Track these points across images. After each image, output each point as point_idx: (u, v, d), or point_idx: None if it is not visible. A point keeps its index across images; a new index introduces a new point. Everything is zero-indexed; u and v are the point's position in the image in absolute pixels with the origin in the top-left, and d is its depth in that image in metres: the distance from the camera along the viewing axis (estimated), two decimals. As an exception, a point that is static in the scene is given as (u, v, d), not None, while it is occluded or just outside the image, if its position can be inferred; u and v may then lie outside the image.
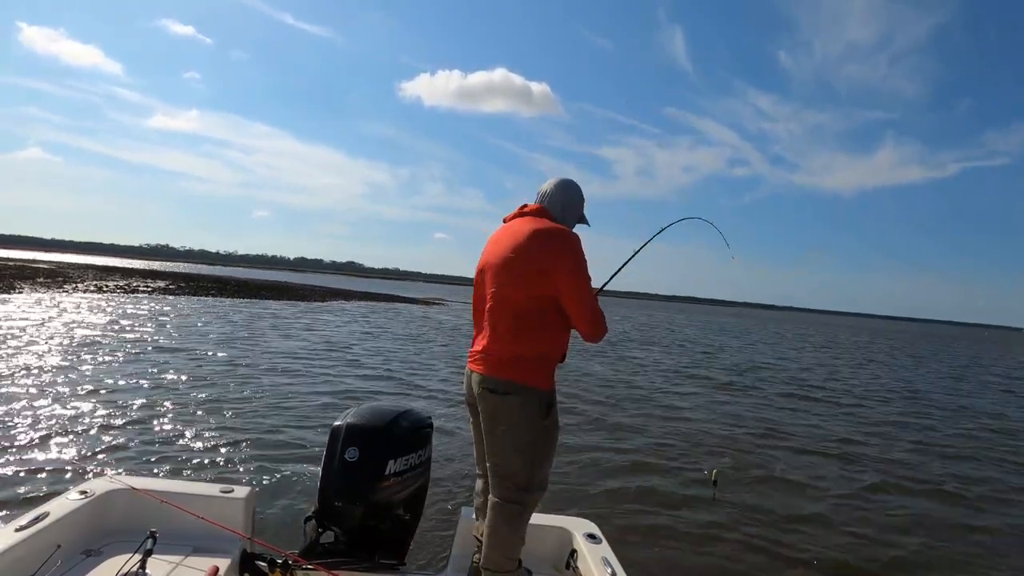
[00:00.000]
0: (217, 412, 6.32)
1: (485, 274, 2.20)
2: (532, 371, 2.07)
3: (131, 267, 69.95)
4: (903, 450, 7.39)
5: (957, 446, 7.90)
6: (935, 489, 5.85)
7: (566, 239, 2.08)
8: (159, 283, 35.33)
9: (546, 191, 2.24)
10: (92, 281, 31.59)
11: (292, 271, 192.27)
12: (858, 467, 6.43)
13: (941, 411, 10.89)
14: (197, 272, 70.06)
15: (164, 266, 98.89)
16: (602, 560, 2.22)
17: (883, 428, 8.76)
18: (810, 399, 11.00)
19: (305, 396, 7.52)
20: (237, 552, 2.17)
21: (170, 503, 2.19)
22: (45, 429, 5.19)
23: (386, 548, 2.41)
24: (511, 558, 2.14)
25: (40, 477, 4.16)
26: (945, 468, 6.65)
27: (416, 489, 2.51)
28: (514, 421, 2.07)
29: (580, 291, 2.05)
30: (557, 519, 2.55)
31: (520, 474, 2.11)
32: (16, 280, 26.18)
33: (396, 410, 2.55)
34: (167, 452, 4.92)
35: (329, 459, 2.36)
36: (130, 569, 1.84)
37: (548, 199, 2.23)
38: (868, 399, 11.69)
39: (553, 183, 2.25)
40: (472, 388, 2.19)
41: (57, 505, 2.09)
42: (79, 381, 7.15)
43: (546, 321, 2.08)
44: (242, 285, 40.85)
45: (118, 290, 26.30)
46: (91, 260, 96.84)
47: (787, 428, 8.13)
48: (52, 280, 28.98)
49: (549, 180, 2.27)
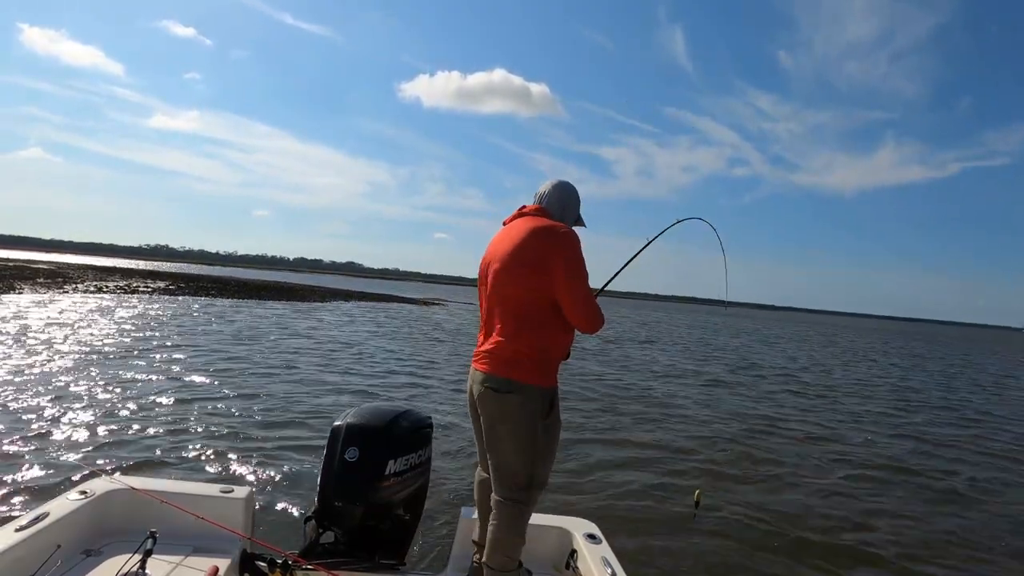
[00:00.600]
0: (216, 412, 6.32)
1: (487, 275, 2.22)
2: (532, 369, 2.08)
3: (131, 267, 69.97)
4: (905, 450, 7.40)
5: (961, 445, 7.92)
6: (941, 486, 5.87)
7: (563, 235, 2.11)
8: (159, 283, 35.32)
9: (544, 192, 2.29)
10: (92, 281, 31.58)
11: (292, 271, 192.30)
12: (859, 468, 6.43)
13: (942, 410, 10.91)
14: (197, 272, 70.03)
15: (164, 266, 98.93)
16: (602, 560, 2.23)
17: (882, 429, 8.77)
18: (808, 395, 11.02)
19: (305, 396, 7.52)
20: (237, 552, 2.17)
21: (170, 503, 2.19)
22: (45, 429, 5.19)
23: (386, 548, 2.42)
24: (512, 557, 2.15)
25: (40, 477, 4.16)
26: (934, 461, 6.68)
27: (416, 489, 2.52)
28: (515, 419, 2.08)
29: (575, 284, 2.07)
30: (557, 519, 2.56)
31: (521, 472, 2.11)
32: (16, 281, 26.18)
33: (396, 410, 2.55)
34: (167, 452, 4.92)
35: (329, 459, 2.36)
36: (130, 569, 1.84)
37: (546, 200, 2.27)
38: (871, 399, 11.71)
39: (550, 184, 2.30)
40: (473, 386, 2.19)
41: (57, 505, 2.08)
42: (79, 381, 7.14)
43: (546, 319, 2.10)
44: (242, 285, 40.86)
45: (118, 290, 26.29)
46: (91, 260, 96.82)
47: (788, 425, 8.14)
48: (52, 281, 28.97)
49: (546, 182, 2.32)
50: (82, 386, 6.91)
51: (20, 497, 3.80)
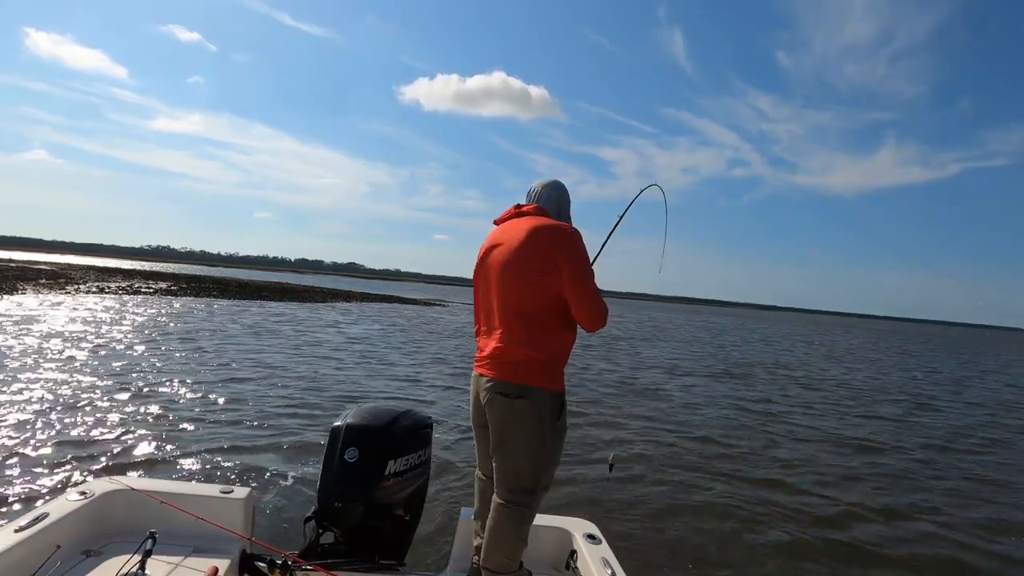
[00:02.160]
0: (216, 412, 6.32)
1: (488, 276, 2.18)
2: (542, 373, 2.05)
3: (133, 268, 70.06)
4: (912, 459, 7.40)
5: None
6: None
7: (571, 234, 2.10)
8: (160, 284, 35.38)
9: (538, 190, 2.26)
10: (94, 282, 31.62)
11: (293, 272, 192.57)
12: (861, 466, 6.42)
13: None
14: (198, 273, 70.11)
15: (166, 267, 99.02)
16: (602, 561, 2.22)
17: (885, 427, 8.76)
18: (815, 390, 11.01)
19: (304, 396, 7.51)
20: (237, 553, 2.17)
21: (170, 503, 2.19)
22: (45, 429, 5.19)
23: (386, 548, 2.41)
24: (513, 560, 2.13)
25: (40, 477, 4.16)
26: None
27: (416, 489, 2.52)
28: (526, 424, 2.05)
29: (584, 283, 2.05)
30: (557, 519, 2.55)
31: (528, 477, 2.09)
32: (19, 281, 26.22)
33: (396, 410, 2.55)
34: (166, 452, 4.92)
35: (329, 459, 2.36)
36: (130, 570, 1.84)
37: (542, 199, 2.24)
38: (873, 400, 11.69)
39: (543, 183, 2.28)
40: (479, 392, 2.15)
41: (57, 505, 2.08)
42: (79, 382, 7.15)
43: (555, 321, 2.07)
44: (243, 286, 40.89)
45: (120, 291, 26.32)
46: (92, 261, 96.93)
47: (789, 424, 8.13)
48: (54, 282, 29.01)
49: (537, 180, 2.30)
50: (82, 386, 6.91)
51: (20, 497, 3.80)
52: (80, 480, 4.10)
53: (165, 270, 75.70)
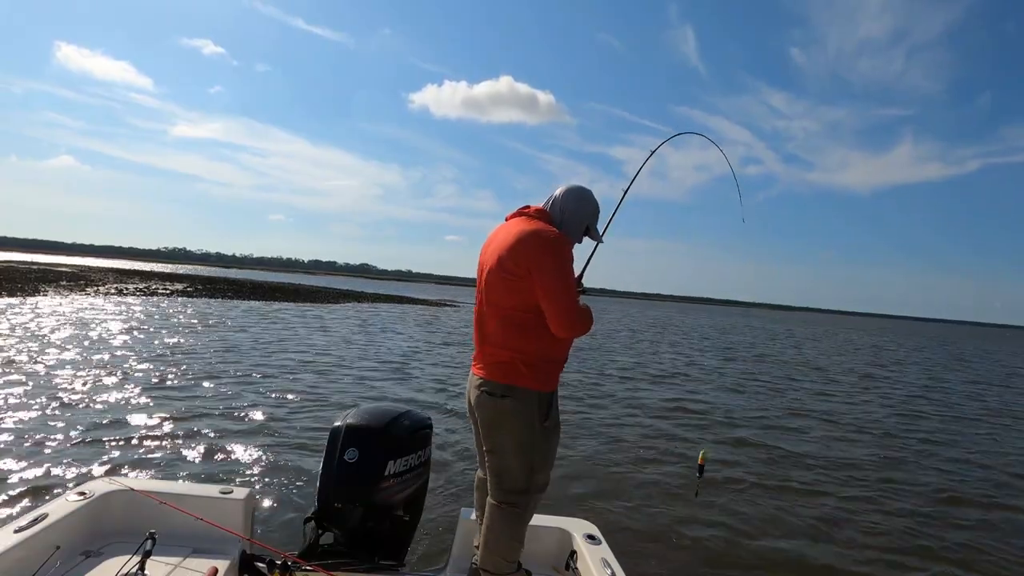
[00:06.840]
0: (216, 412, 6.33)
1: (480, 275, 2.18)
2: (528, 374, 2.02)
3: (150, 270, 71.01)
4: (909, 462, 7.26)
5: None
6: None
7: (547, 240, 2.01)
8: (177, 286, 35.86)
9: (555, 195, 2.20)
10: (113, 284, 32.13)
11: (307, 273, 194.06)
12: (863, 470, 6.31)
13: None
14: (214, 275, 70.91)
15: (182, 269, 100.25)
16: (602, 561, 2.19)
17: (882, 428, 8.61)
18: (827, 394, 10.86)
19: (304, 396, 7.50)
20: (236, 553, 2.17)
21: (169, 504, 2.19)
22: (45, 429, 5.20)
23: (386, 549, 2.41)
24: (509, 560, 2.12)
25: (40, 477, 4.16)
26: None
27: (416, 490, 2.51)
28: (511, 424, 2.04)
29: (556, 291, 1.97)
30: (557, 520, 2.53)
31: (518, 477, 2.08)
32: (40, 284, 26.72)
33: (395, 411, 2.55)
34: (166, 452, 4.91)
35: (329, 460, 2.36)
36: (129, 570, 1.84)
37: (553, 203, 2.18)
38: (876, 400, 11.51)
39: (563, 188, 2.20)
40: (471, 391, 2.15)
41: (56, 506, 2.09)
42: (85, 381, 7.22)
43: (540, 323, 2.02)
44: (256, 287, 41.29)
45: (138, 292, 26.73)
46: (112, 263, 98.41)
47: (791, 420, 8.03)
48: (75, 283, 29.52)
49: (561, 185, 2.23)
50: (86, 387, 6.97)
51: (19, 498, 3.81)
52: (79, 481, 4.13)
53: (181, 272, 76.66)
